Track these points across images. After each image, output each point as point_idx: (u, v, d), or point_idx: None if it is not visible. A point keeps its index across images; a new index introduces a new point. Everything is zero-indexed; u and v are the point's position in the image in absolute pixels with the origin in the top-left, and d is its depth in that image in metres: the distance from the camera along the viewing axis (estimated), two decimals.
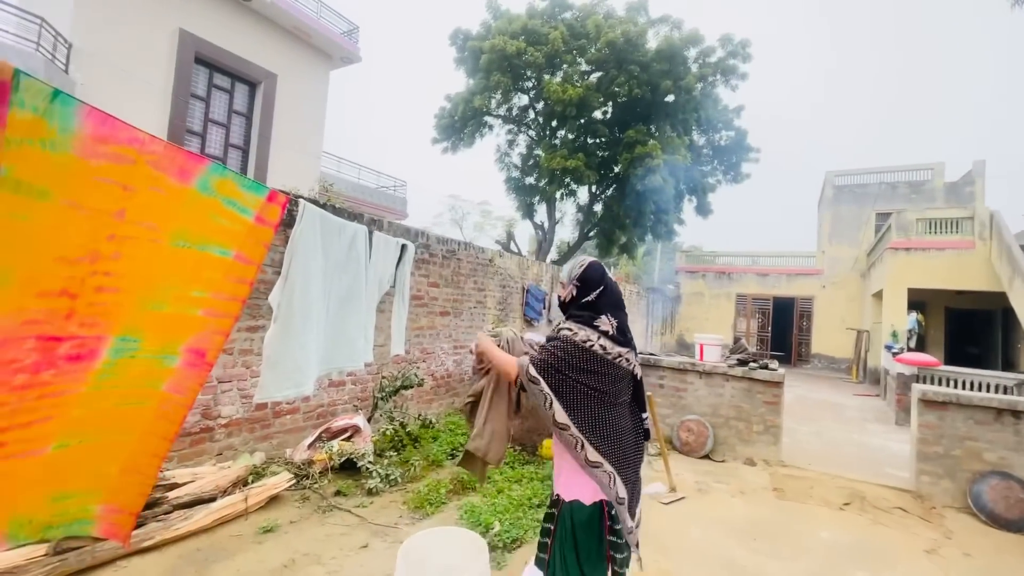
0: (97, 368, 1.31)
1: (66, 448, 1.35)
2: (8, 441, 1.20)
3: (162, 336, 1.43)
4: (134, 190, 1.20)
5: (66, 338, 1.21)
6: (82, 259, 1.17)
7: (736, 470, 4.64)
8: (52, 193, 1.06)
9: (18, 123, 0.94)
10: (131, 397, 1.42)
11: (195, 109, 8.04)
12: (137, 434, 1.48)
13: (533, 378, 1.75)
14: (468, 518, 3.16)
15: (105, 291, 1.25)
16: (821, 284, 15.93)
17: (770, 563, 2.94)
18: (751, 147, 13.22)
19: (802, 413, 7.94)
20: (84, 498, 1.46)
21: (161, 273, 1.36)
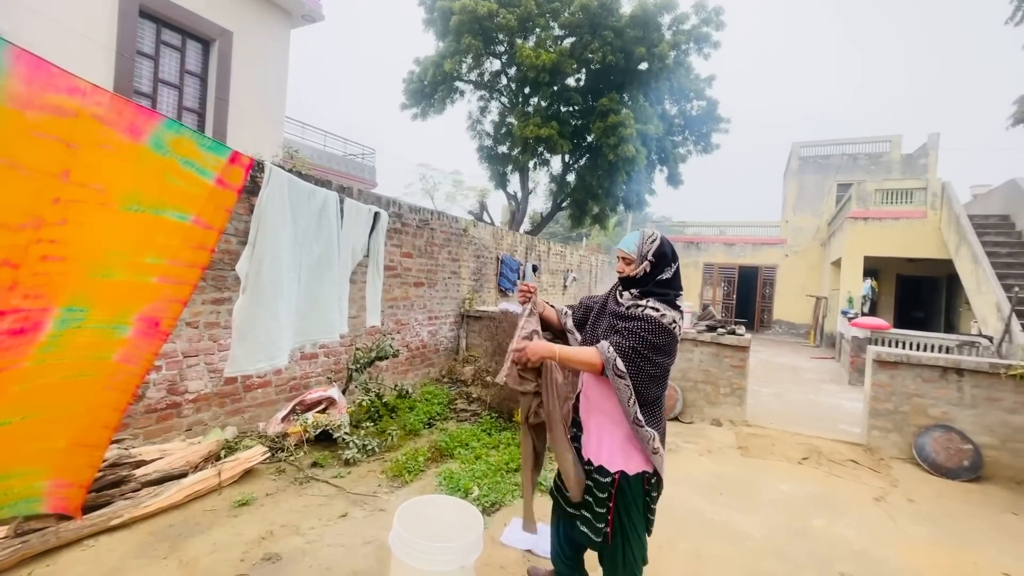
0: (41, 341, 1.23)
1: (7, 426, 1.27)
2: None
3: (112, 305, 1.34)
4: (78, 147, 1.09)
5: (8, 311, 1.12)
6: (25, 225, 1.07)
7: (704, 430, 4.85)
8: None
9: None
10: (77, 369, 1.34)
11: (143, 68, 7.44)
12: (85, 407, 1.41)
13: (620, 372, 1.66)
14: (447, 484, 3.21)
15: (50, 260, 1.15)
16: (784, 253, 16.49)
17: (735, 515, 3.11)
18: (721, 117, 13.30)
19: (765, 376, 8.33)
20: (29, 476, 1.39)
21: (111, 239, 1.26)
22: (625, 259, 1.86)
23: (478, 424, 4.41)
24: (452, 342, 6.53)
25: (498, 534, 2.68)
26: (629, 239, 1.88)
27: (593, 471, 1.81)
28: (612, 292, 1.97)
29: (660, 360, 1.71)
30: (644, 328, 1.69)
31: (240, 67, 8.64)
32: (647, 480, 1.80)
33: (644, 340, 1.68)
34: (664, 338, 1.70)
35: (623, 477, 1.76)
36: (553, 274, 10.64)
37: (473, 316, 6.62)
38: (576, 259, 12.23)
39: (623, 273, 1.87)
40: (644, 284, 1.81)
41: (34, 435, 1.33)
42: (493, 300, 7.56)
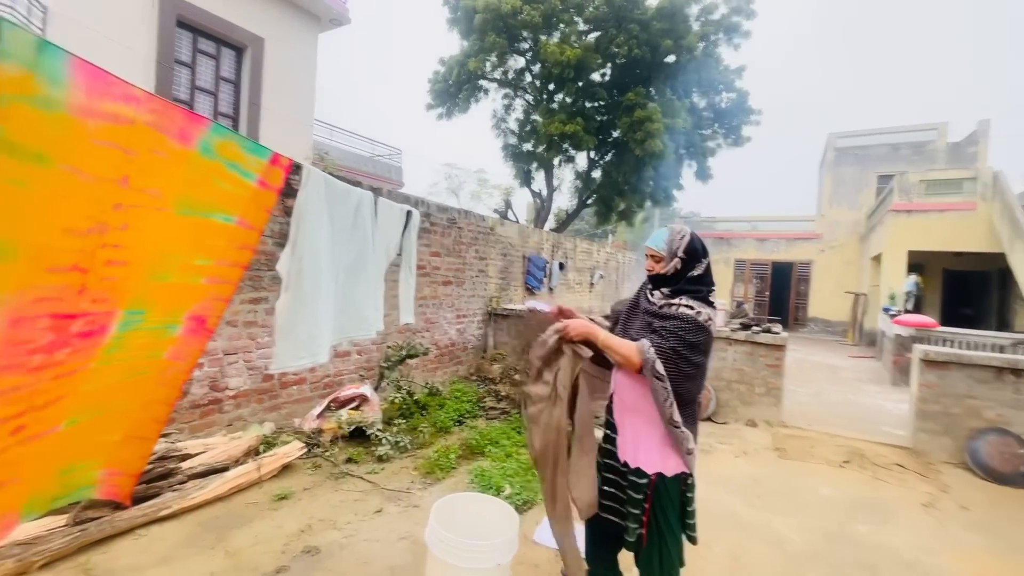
0: (106, 343, 1.28)
1: (76, 424, 1.33)
2: (27, 424, 1.17)
3: (166, 306, 1.40)
4: (135, 154, 1.13)
5: (79, 315, 1.17)
6: (91, 231, 1.12)
7: (738, 431, 4.73)
8: (50, 158, 0.99)
9: (4, 77, 0.87)
10: (135, 368, 1.41)
11: (181, 76, 7.74)
12: (140, 402, 1.48)
13: (659, 375, 1.62)
14: (479, 482, 3.22)
15: (114, 264, 1.20)
16: (820, 248, 15.92)
17: (774, 518, 3.02)
18: (752, 109, 12.90)
19: (801, 375, 8.06)
20: (87, 467, 1.47)
21: (167, 243, 1.31)
22: (654, 256, 1.82)
23: (507, 422, 4.42)
24: (480, 340, 6.56)
25: (530, 533, 2.67)
26: (657, 236, 1.84)
27: (629, 473, 1.78)
28: (642, 291, 1.93)
29: (697, 359, 1.67)
30: (681, 327, 1.66)
31: (271, 72, 8.89)
32: (684, 481, 1.77)
33: (682, 340, 1.64)
34: (701, 336, 1.67)
35: (660, 479, 1.73)
36: (580, 272, 10.56)
37: (500, 314, 6.63)
38: (603, 256, 12.10)
39: (652, 271, 1.82)
40: (675, 282, 1.77)
41: (96, 430, 1.40)
42: (520, 298, 7.56)
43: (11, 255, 0.99)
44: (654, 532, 1.74)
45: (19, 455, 1.19)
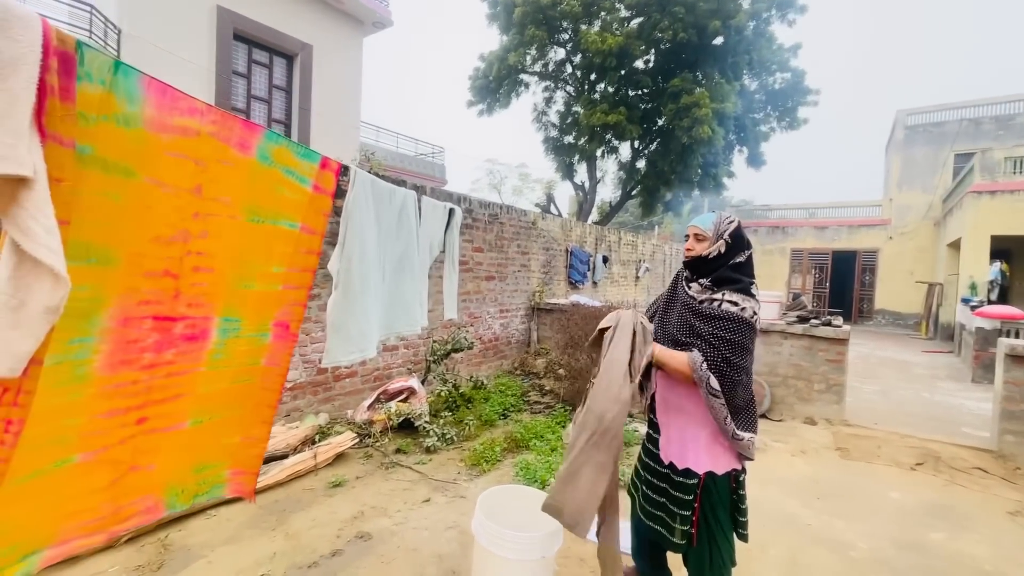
0: (210, 348, 1.41)
1: (200, 424, 1.48)
2: (149, 416, 1.31)
3: (256, 314, 1.51)
4: (205, 164, 1.22)
5: (178, 318, 1.28)
6: (175, 238, 1.22)
7: (795, 429, 4.50)
8: (135, 171, 1.09)
9: (89, 98, 0.95)
10: (241, 375, 1.53)
11: (238, 86, 8.21)
12: (250, 407, 1.61)
13: (715, 392, 1.56)
14: (523, 475, 3.25)
15: (201, 271, 1.31)
16: (887, 235, 14.80)
17: (836, 522, 2.86)
18: (809, 89, 12.13)
19: (866, 371, 7.55)
20: (218, 467, 1.62)
21: (244, 250, 1.41)
22: (698, 236, 1.73)
23: (552, 416, 4.42)
24: (523, 335, 6.59)
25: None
26: (704, 217, 1.77)
27: (675, 474, 1.71)
28: (678, 281, 1.83)
29: (748, 362, 1.61)
30: (726, 328, 1.58)
31: (320, 78, 9.25)
32: (735, 479, 1.70)
33: (733, 345, 1.57)
34: (748, 334, 1.60)
35: (710, 477, 1.67)
36: (625, 265, 10.35)
37: (544, 309, 6.62)
38: (649, 248, 11.80)
39: (692, 252, 1.73)
40: (715, 267, 1.69)
41: (218, 433, 1.55)
42: (563, 292, 7.51)
43: (114, 261, 1.11)
44: (703, 531, 1.68)
45: (149, 444, 1.34)
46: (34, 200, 0.77)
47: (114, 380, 1.19)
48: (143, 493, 1.39)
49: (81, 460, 1.18)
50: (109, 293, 1.12)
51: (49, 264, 0.77)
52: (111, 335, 1.15)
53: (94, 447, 1.20)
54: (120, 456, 1.27)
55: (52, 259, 0.78)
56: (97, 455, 1.21)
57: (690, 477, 1.68)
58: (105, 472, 1.25)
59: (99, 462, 1.23)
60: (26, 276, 0.77)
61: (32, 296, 0.78)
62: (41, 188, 0.79)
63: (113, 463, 1.26)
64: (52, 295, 0.80)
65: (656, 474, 1.78)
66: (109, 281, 1.11)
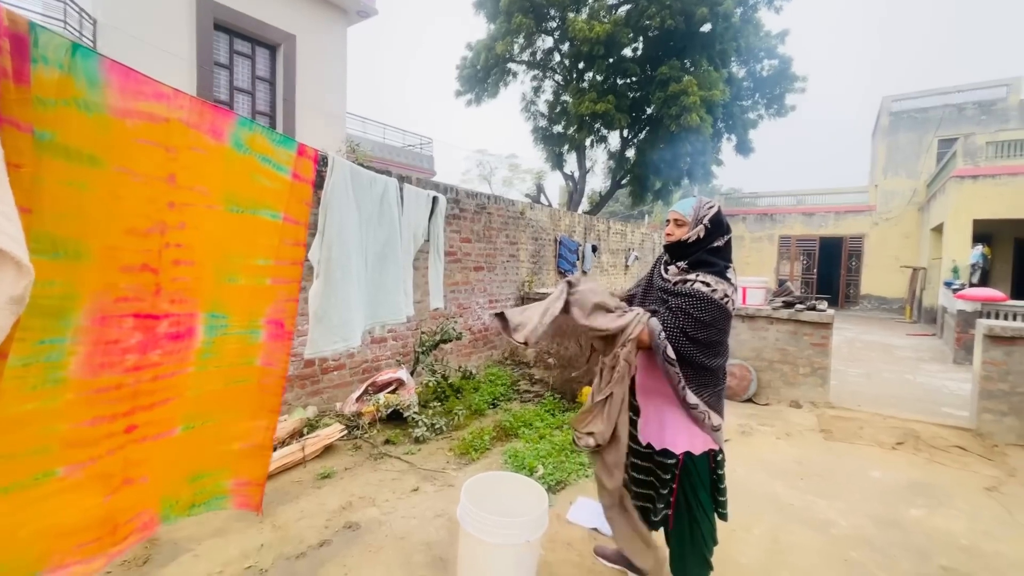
0: (197, 347, 1.34)
1: (192, 429, 1.40)
2: (138, 424, 1.24)
3: (244, 310, 1.45)
4: (176, 151, 1.18)
5: (161, 316, 1.23)
6: (152, 230, 1.17)
7: (781, 412, 4.57)
8: (102, 159, 1.05)
9: (46, 82, 0.93)
10: (234, 376, 1.46)
11: (220, 78, 8.05)
12: (249, 411, 1.54)
13: (670, 360, 1.60)
14: (512, 462, 3.27)
15: (181, 264, 1.25)
16: (873, 221, 14.96)
17: (818, 501, 2.92)
18: (796, 76, 12.17)
19: (850, 355, 7.68)
20: (216, 476, 1.53)
21: (225, 242, 1.36)
22: (677, 221, 1.76)
23: (541, 405, 4.45)
24: None
25: (564, 512, 2.70)
26: (684, 202, 1.79)
27: (655, 454, 1.77)
28: (657, 266, 1.87)
29: (710, 338, 1.62)
30: (693, 305, 1.61)
31: (304, 68, 9.10)
32: (713, 458, 1.75)
33: (690, 318, 1.60)
34: (714, 314, 1.61)
35: (688, 457, 1.71)
36: (614, 254, 10.38)
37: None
38: (638, 237, 11.84)
39: (672, 236, 1.77)
40: (694, 251, 1.72)
41: (214, 439, 1.47)
42: (552, 282, 7.52)
43: (84, 255, 1.06)
44: (683, 510, 1.73)
45: (141, 454, 1.27)
46: None
47: (95, 384, 1.13)
48: (138, 509, 1.32)
49: (66, 473, 1.11)
50: (82, 290, 1.07)
51: (11, 252, 0.76)
52: (88, 335, 1.10)
53: (80, 459, 1.13)
54: (111, 468, 1.20)
55: (13, 247, 0.76)
56: (85, 468, 1.15)
57: (668, 457, 1.73)
58: (96, 488, 1.19)
59: (88, 476, 1.16)
60: None
61: None
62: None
63: (104, 477, 1.20)
64: (15, 285, 0.78)
65: (639, 455, 1.83)
66: (81, 277, 1.06)
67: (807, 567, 2.30)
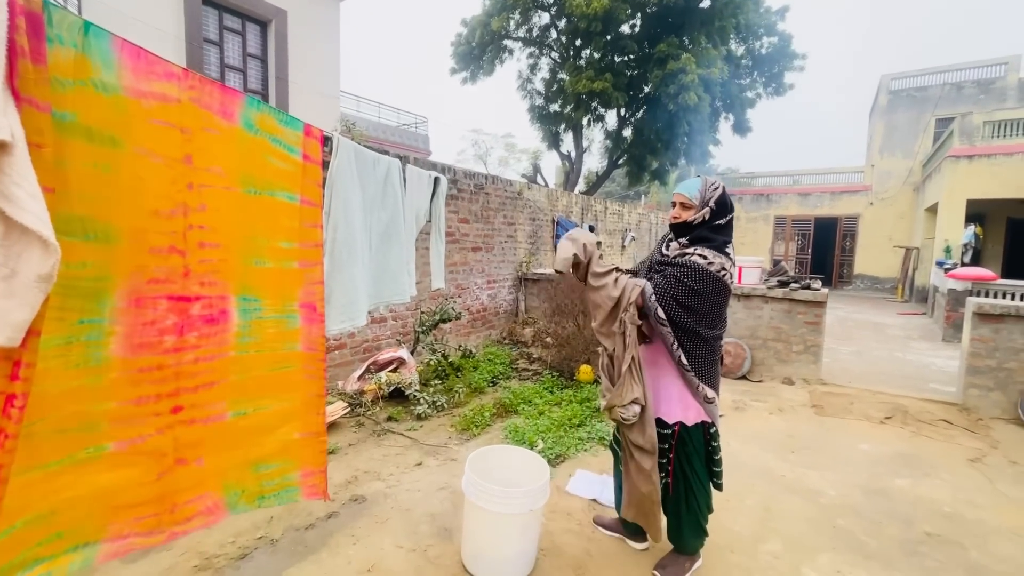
0: (234, 331, 1.35)
1: (244, 416, 1.41)
2: (184, 405, 1.26)
3: (276, 294, 1.45)
4: (191, 132, 1.18)
5: (192, 298, 1.24)
6: (175, 212, 1.18)
7: (774, 389, 4.68)
8: (122, 140, 1.06)
9: (62, 62, 0.94)
10: (278, 362, 1.47)
11: (210, 55, 7.87)
12: (300, 397, 1.54)
13: (661, 320, 1.66)
14: (513, 437, 3.36)
15: (207, 246, 1.26)
16: (868, 201, 15.01)
17: (809, 473, 3.03)
18: (796, 54, 12.03)
19: (843, 333, 7.81)
20: (282, 467, 1.53)
21: (248, 224, 1.36)
22: (684, 204, 1.80)
23: (540, 383, 4.53)
24: (511, 305, 6.65)
25: (563, 484, 2.79)
26: (690, 184, 1.83)
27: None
28: (660, 245, 1.94)
29: (702, 307, 1.68)
30: (686, 274, 1.67)
31: (296, 45, 8.90)
32: (707, 431, 1.83)
33: (682, 285, 1.66)
34: (708, 285, 1.67)
35: (683, 428, 1.80)
36: (611, 234, 10.40)
37: (531, 279, 6.67)
38: (635, 218, 11.84)
39: (678, 219, 1.82)
40: (698, 230, 1.77)
41: (268, 426, 1.47)
42: (550, 262, 7.56)
43: (116, 238, 1.07)
44: (680, 479, 1.82)
45: (192, 436, 1.29)
46: (14, 165, 0.77)
47: (136, 364, 1.16)
48: (198, 491, 1.34)
49: (116, 449, 1.15)
50: (116, 272, 1.09)
51: (36, 230, 0.78)
52: (125, 316, 1.12)
53: (129, 436, 1.17)
54: (161, 447, 1.23)
55: (39, 225, 0.79)
56: (134, 444, 1.18)
57: (663, 427, 1.81)
58: (148, 464, 1.22)
59: (138, 452, 1.19)
60: (15, 244, 0.78)
61: (23, 265, 0.78)
62: (21, 153, 0.79)
63: (155, 455, 1.23)
64: (43, 263, 0.81)
65: None
66: (113, 259, 1.08)
67: (797, 534, 2.40)
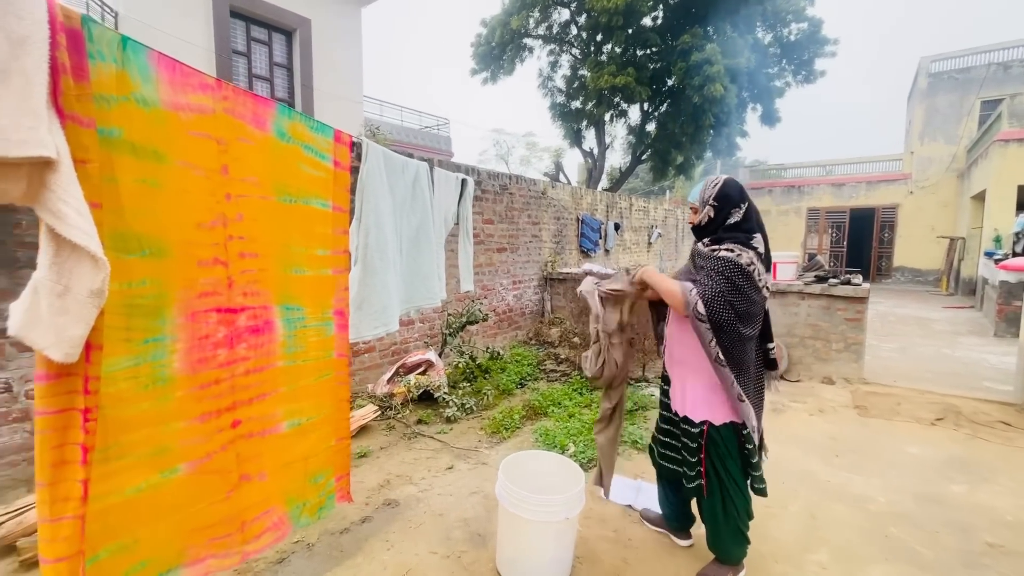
0: (280, 340, 1.36)
1: (299, 427, 1.42)
2: (242, 419, 1.27)
3: (315, 302, 1.45)
4: (226, 143, 1.18)
5: (238, 309, 1.24)
6: (216, 223, 1.18)
7: (813, 389, 4.50)
8: (165, 154, 1.06)
9: (105, 78, 0.94)
10: (320, 370, 1.48)
11: (239, 65, 8.09)
12: (334, 404, 1.56)
13: (700, 315, 1.67)
14: (543, 441, 3.32)
15: (247, 256, 1.26)
16: (908, 190, 14.34)
17: (854, 478, 2.89)
18: (827, 39, 11.57)
19: (885, 329, 7.48)
20: (327, 474, 1.56)
21: (284, 233, 1.36)
22: (692, 209, 1.89)
23: (568, 384, 4.47)
24: (537, 305, 6.61)
25: (597, 489, 2.73)
26: (694, 190, 1.91)
27: (680, 421, 1.88)
28: (692, 250, 2.00)
29: (740, 302, 1.67)
30: (722, 268, 1.68)
31: (320, 53, 9.05)
32: (739, 431, 1.79)
33: (727, 280, 1.67)
34: (741, 277, 1.68)
35: (711, 427, 1.78)
36: (636, 231, 10.23)
37: (556, 279, 6.61)
38: (661, 214, 11.62)
39: (692, 223, 1.90)
40: (713, 230, 1.80)
41: (320, 436, 1.49)
42: (575, 261, 7.48)
43: (166, 252, 1.07)
44: (714, 481, 1.80)
45: (251, 450, 1.29)
46: (61, 182, 0.78)
47: (196, 380, 1.16)
48: (264, 507, 1.33)
49: (187, 470, 1.15)
50: (171, 287, 1.09)
51: (85, 246, 0.78)
52: (183, 332, 1.12)
53: (198, 455, 1.17)
54: (226, 464, 1.23)
55: (87, 241, 0.79)
56: (203, 464, 1.18)
57: (692, 426, 1.82)
58: (217, 483, 1.22)
59: (206, 472, 1.19)
60: (66, 261, 0.78)
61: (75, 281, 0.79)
62: (67, 170, 0.79)
63: (221, 473, 1.23)
64: (93, 278, 0.81)
65: (668, 421, 1.99)
66: (168, 274, 1.08)
67: (845, 543, 2.29)
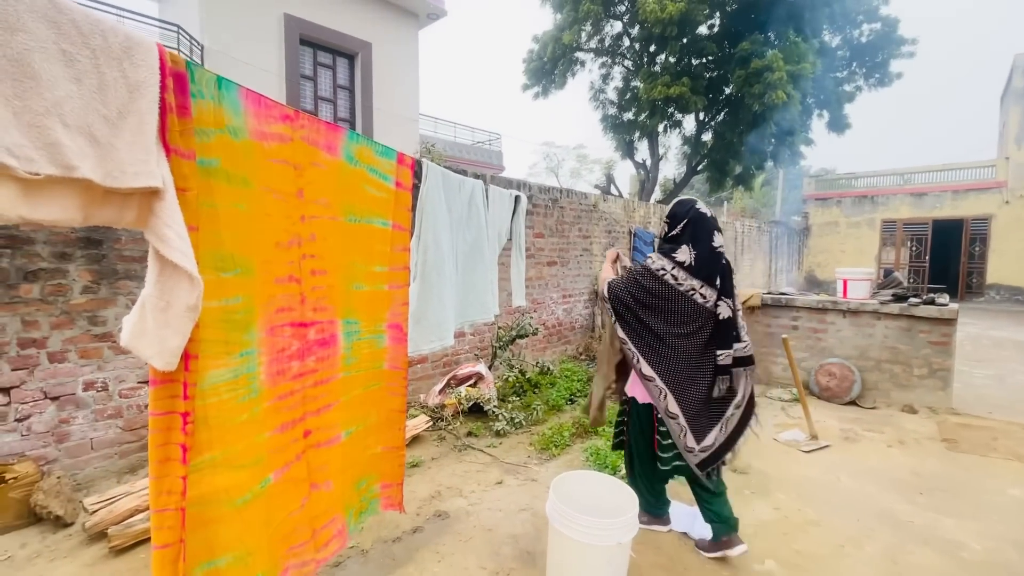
0: (342, 353, 1.42)
1: (353, 434, 1.47)
2: (312, 429, 1.32)
3: (369, 315, 1.51)
4: (302, 168, 1.27)
5: (309, 324, 1.31)
6: (292, 243, 1.25)
7: (891, 418, 4.13)
8: (251, 181, 1.15)
9: (204, 114, 1.04)
10: (369, 380, 1.53)
11: (306, 88, 8.67)
12: (386, 413, 1.61)
13: (604, 298, 2.19)
14: (593, 460, 3.25)
15: (317, 274, 1.33)
16: (1003, 199, 12.99)
17: (944, 520, 2.61)
18: (904, 39, 10.80)
19: (977, 354, 6.76)
20: (371, 480, 1.61)
21: (349, 251, 1.42)
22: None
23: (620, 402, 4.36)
24: (587, 320, 6.53)
25: None
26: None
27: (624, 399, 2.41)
28: None
29: (639, 293, 2.09)
30: (634, 269, 2.16)
31: (379, 74, 9.54)
32: (656, 417, 2.17)
33: (632, 278, 2.13)
34: (647, 278, 2.07)
35: (633, 402, 2.29)
36: None
37: None
38: None
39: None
40: (664, 241, 2.18)
41: (365, 443, 1.55)
42: None
43: (252, 270, 1.15)
44: (629, 442, 2.40)
45: (319, 459, 1.35)
46: (166, 209, 0.87)
47: (276, 391, 1.21)
48: (330, 515, 1.38)
49: (275, 479, 1.19)
50: (256, 303, 1.16)
51: (183, 266, 0.86)
52: (265, 345, 1.18)
53: (279, 465, 1.21)
54: (299, 474, 1.27)
55: (185, 261, 0.87)
56: (284, 473, 1.22)
57: (623, 402, 2.41)
58: (294, 493, 1.26)
59: (287, 481, 1.23)
60: (168, 280, 0.87)
61: (175, 297, 0.87)
62: (171, 198, 0.88)
63: (297, 482, 1.27)
64: (190, 294, 0.89)
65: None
66: (253, 291, 1.15)
67: None
